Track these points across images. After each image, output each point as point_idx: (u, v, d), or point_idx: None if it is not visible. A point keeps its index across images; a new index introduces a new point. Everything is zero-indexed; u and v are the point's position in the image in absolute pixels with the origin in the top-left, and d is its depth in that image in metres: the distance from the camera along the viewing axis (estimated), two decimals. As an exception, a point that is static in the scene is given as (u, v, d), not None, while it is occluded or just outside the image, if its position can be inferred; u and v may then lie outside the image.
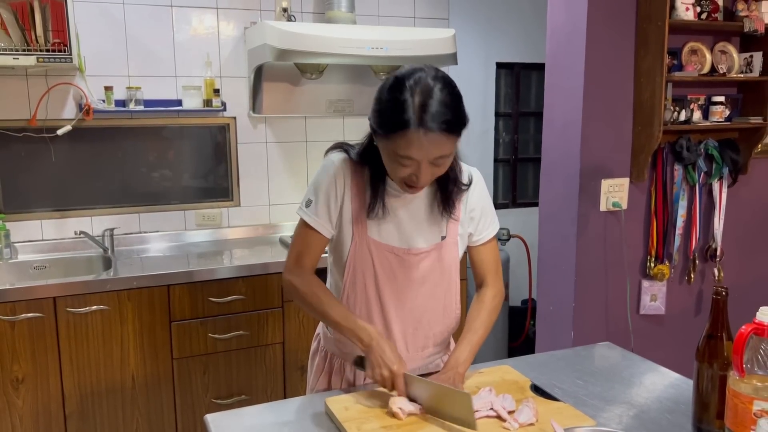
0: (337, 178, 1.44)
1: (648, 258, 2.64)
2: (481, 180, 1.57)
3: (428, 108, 1.24)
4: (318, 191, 1.46)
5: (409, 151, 1.26)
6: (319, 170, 1.48)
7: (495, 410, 1.30)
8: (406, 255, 1.47)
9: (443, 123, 1.25)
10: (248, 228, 3.24)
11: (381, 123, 1.30)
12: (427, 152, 1.27)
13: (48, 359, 2.41)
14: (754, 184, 2.80)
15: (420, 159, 1.28)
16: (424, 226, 1.49)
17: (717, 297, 1.19)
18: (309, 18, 3.21)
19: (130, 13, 2.90)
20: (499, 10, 3.85)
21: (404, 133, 1.25)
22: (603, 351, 1.75)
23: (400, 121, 1.25)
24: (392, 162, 1.32)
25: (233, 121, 3.15)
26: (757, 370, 1.07)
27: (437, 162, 1.30)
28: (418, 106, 1.24)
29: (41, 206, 2.87)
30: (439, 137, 1.25)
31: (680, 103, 2.55)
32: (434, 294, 1.53)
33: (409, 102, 1.25)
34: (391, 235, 1.47)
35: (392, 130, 1.27)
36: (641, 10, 2.41)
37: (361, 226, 1.45)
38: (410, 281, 1.49)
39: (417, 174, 1.30)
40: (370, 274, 1.47)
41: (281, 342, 2.75)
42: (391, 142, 1.28)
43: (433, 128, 1.24)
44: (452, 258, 1.53)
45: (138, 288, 2.49)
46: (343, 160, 1.46)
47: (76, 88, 2.82)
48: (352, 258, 1.47)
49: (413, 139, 1.25)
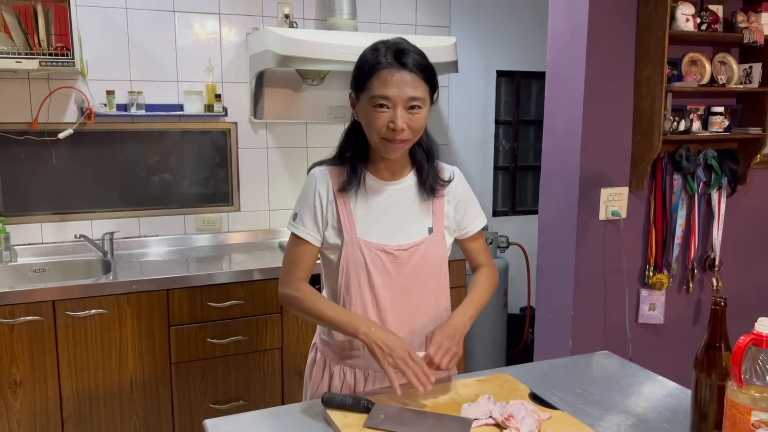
0: (319, 186, 1.52)
1: (647, 267, 2.65)
2: (462, 176, 1.64)
3: (400, 51, 1.39)
4: (303, 203, 1.54)
5: (384, 89, 1.37)
6: (303, 185, 1.57)
7: (494, 418, 1.31)
8: (397, 251, 1.50)
9: (415, 64, 1.39)
10: (248, 233, 3.24)
11: (358, 76, 1.43)
12: (401, 91, 1.37)
13: (46, 362, 2.41)
14: (752, 195, 2.81)
15: (395, 98, 1.37)
16: (410, 221, 1.53)
17: (716, 307, 1.20)
18: (311, 24, 3.22)
19: (132, 17, 2.91)
20: (499, 18, 3.86)
21: (378, 74, 1.38)
22: (602, 360, 1.75)
23: (376, 63, 1.39)
24: (370, 112, 1.40)
25: (234, 126, 3.15)
26: (755, 381, 1.07)
27: (411, 107, 1.39)
28: (391, 51, 1.40)
29: (41, 209, 2.87)
30: (410, 76, 1.38)
31: (680, 113, 2.56)
32: (426, 289, 1.55)
33: (382, 50, 1.40)
34: (380, 234, 1.50)
35: (368, 76, 1.39)
36: (641, 21, 2.43)
37: (350, 228, 1.49)
38: (403, 277, 1.51)
39: (394, 119, 1.38)
40: (364, 274, 1.49)
41: (279, 347, 2.74)
42: (368, 91, 1.40)
43: (406, 64, 1.38)
44: (441, 251, 1.56)
45: (137, 292, 2.49)
46: (322, 169, 1.54)
47: (78, 92, 2.83)
48: (344, 261, 1.49)
49: (386, 77, 1.37)
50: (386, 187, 1.53)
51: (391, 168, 1.53)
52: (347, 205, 1.50)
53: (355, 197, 1.50)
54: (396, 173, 1.54)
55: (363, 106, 1.43)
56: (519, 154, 4.20)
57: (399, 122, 1.38)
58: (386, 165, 1.52)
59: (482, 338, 3.44)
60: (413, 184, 1.55)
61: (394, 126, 1.39)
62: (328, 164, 1.55)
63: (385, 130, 1.40)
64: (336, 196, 1.50)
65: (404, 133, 1.41)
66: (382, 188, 1.52)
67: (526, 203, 4.25)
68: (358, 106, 1.46)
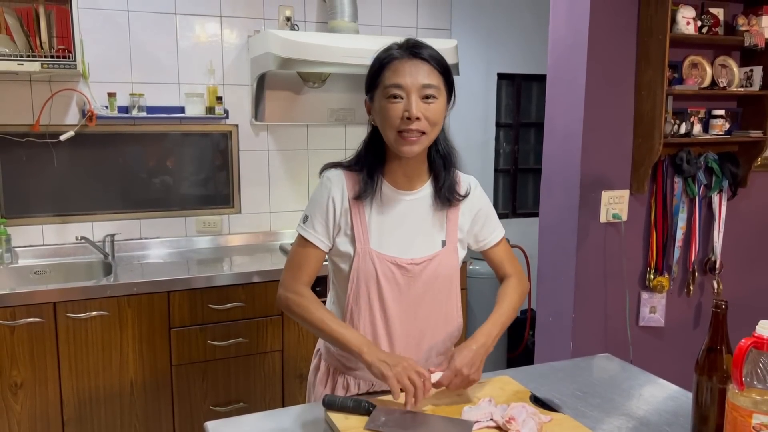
0: (334, 190, 1.47)
1: (647, 270, 2.65)
2: (479, 186, 1.60)
3: (414, 45, 1.40)
4: (315, 207, 1.49)
5: (397, 77, 1.36)
6: (316, 187, 1.52)
7: (495, 421, 1.30)
8: (410, 265, 1.47)
9: (428, 54, 1.39)
10: (249, 235, 3.24)
11: (371, 75, 1.42)
12: (414, 78, 1.36)
13: (47, 364, 2.41)
14: (753, 198, 2.81)
15: (408, 86, 1.36)
16: (424, 233, 1.50)
17: (717, 310, 1.20)
18: (312, 27, 3.23)
19: (134, 20, 2.91)
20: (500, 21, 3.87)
21: (390, 65, 1.38)
22: (602, 362, 1.75)
23: (388, 56, 1.39)
24: (384, 108, 1.38)
25: (235, 128, 3.16)
26: (756, 384, 1.07)
27: (427, 96, 1.37)
28: (403, 44, 1.41)
29: (42, 211, 2.88)
30: (424, 64, 1.37)
31: (680, 116, 2.56)
32: (436, 302, 1.52)
33: (394, 46, 1.41)
34: (393, 246, 1.47)
35: (380, 70, 1.39)
36: (642, 24, 2.43)
37: (363, 238, 1.46)
38: (414, 291, 1.48)
39: (408, 108, 1.36)
40: (374, 286, 1.46)
41: (280, 350, 2.74)
42: (381, 84, 1.39)
43: (418, 54, 1.38)
44: (453, 264, 1.53)
45: (138, 294, 2.49)
46: (339, 173, 1.49)
47: (80, 94, 2.83)
48: (355, 271, 1.46)
49: (399, 67, 1.37)
50: (402, 197, 1.48)
51: (408, 174, 1.48)
52: (362, 213, 1.46)
53: (370, 206, 1.46)
54: (413, 181, 1.49)
55: (378, 102, 1.40)
56: (520, 157, 4.20)
57: (414, 109, 1.34)
58: (403, 171, 1.48)
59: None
60: (429, 194, 1.50)
61: (409, 114, 1.35)
62: (344, 168, 1.50)
63: (400, 121, 1.36)
64: (351, 203, 1.46)
65: (420, 123, 1.36)
66: (397, 198, 1.48)
67: (527, 206, 4.26)
68: (373, 107, 1.44)
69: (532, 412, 1.30)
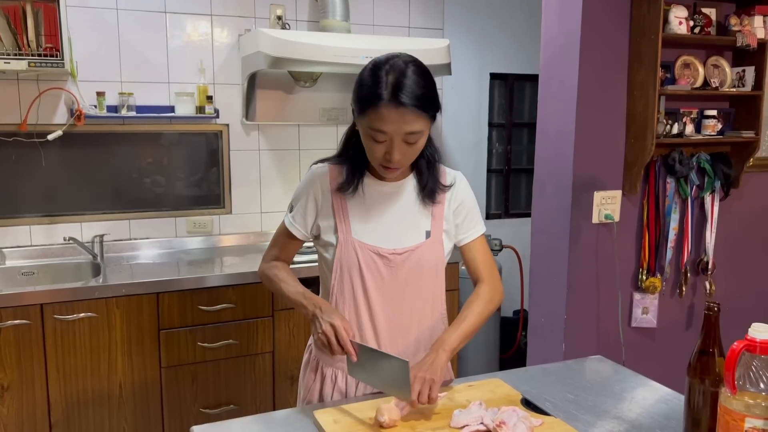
0: (316, 183, 1.53)
1: (640, 271, 2.64)
2: (465, 180, 1.62)
3: (399, 85, 1.34)
4: (297, 198, 1.58)
5: (382, 124, 1.35)
6: (301, 180, 1.60)
7: (485, 425, 1.29)
8: (391, 255, 1.49)
9: (413, 98, 1.34)
10: (240, 236, 3.22)
11: (358, 100, 1.40)
12: (398, 126, 1.35)
13: (34, 367, 2.38)
14: (745, 198, 2.81)
15: (392, 133, 1.35)
16: (408, 224, 1.52)
17: (709, 313, 1.19)
18: (303, 26, 3.21)
19: (123, 18, 2.89)
20: (493, 21, 3.86)
21: (377, 107, 1.34)
22: (594, 365, 1.74)
23: (374, 95, 1.34)
24: (368, 140, 1.40)
25: (226, 128, 3.13)
26: (749, 387, 1.06)
27: (409, 139, 1.37)
28: (390, 84, 1.34)
29: (30, 211, 2.85)
30: (409, 112, 1.34)
31: (673, 116, 2.56)
32: (421, 293, 1.54)
33: (383, 80, 1.34)
34: (376, 236, 1.50)
35: (367, 105, 1.36)
36: (635, 24, 2.42)
37: (345, 228, 1.49)
38: (397, 282, 1.50)
39: (390, 151, 1.37)
40: (357, 275, 1.49)
41: (271, 351, 2.72)
42: (366, 118, 1.37)
43: (403, 102, 1.33)
44: (438, 255, 1.54)
45: (127, 295, 2.47)
46: (322, 167, 1.56)
47: (68, 93, 2.80)
48: (338, 260, 1.50)
49: (384, 113, 1.34)
50: (385, 188, 1.52)
51: None
52: (344, 204, 1.50)
53: (352, 197, 1.50)
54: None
55: (362, 128, 1.41)
56: (512, 157, 4.19)
57: (395, 155, 1.38)
58: None
59: (475, 342, 3.43)
60: (413, 186, 1.54)
61: (389, 158, 1.38)
62: (330, 162, 1.56)
63: (382, 158, 1.40)
64: (334, 195, 1.51)
65: (401, 161, 1.41)
66: (380, 189, 1.52)
67: (520, 206, 4.25)
68: (358, 123, 1.44)
69: (523, 416, 1.29)
